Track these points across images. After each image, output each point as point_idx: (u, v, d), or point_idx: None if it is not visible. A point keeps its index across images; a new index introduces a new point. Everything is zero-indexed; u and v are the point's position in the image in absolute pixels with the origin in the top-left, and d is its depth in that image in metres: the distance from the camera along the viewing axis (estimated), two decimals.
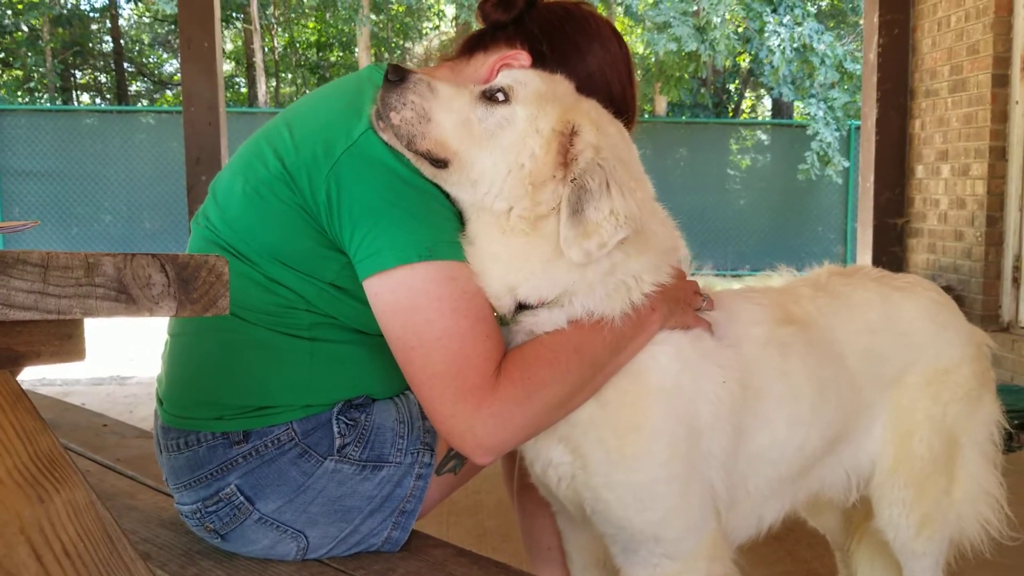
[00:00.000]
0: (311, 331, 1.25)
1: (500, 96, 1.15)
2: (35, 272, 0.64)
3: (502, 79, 1.19)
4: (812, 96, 12.17)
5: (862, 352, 1.41)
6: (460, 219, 1.20)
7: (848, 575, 1.82)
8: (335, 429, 1.27)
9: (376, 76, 1.25)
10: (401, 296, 1.12)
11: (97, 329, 6.03)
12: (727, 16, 12.38)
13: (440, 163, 1.15)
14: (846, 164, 11.55)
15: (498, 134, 1.13)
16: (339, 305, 1.23)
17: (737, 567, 1.30)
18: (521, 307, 1.16)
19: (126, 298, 0.67)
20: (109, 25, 19.20)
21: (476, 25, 1.39)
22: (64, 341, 0.77)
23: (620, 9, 14.20)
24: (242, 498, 1.27)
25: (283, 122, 1.27)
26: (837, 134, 11.72)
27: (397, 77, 1.14)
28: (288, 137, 1.22)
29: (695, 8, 12.07)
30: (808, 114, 12.08)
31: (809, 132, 11.79)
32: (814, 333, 1.37)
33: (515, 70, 1.23)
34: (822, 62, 11.92)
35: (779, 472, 1.35)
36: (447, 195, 1.18)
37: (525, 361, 1.12)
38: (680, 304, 1.22)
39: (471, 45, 1.36)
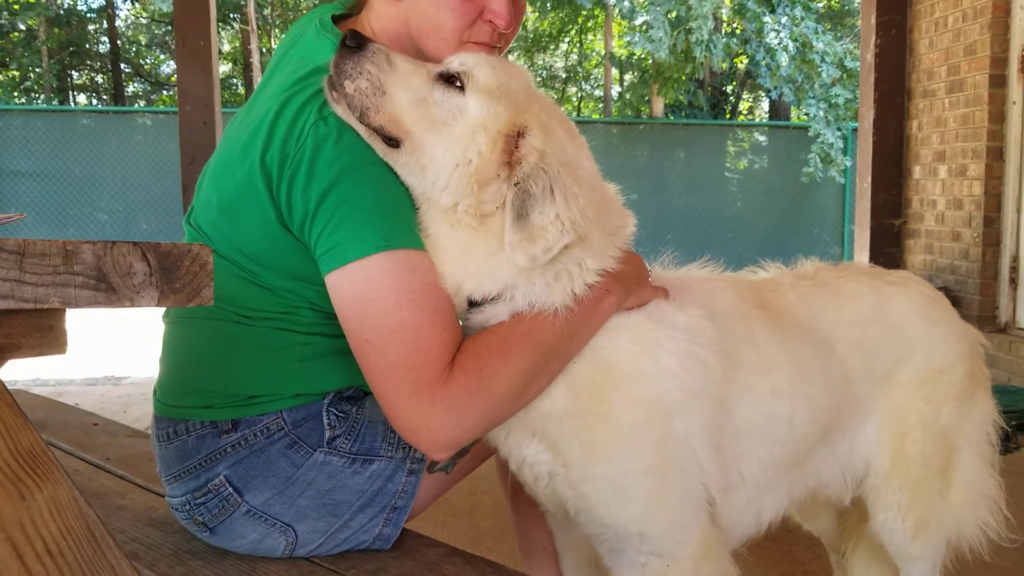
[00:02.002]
0: (310, 327, 1.25)
1: (456, 82, 1.13)
2: (11, 259, 0.62)
3: (458, 62, 1.15)
4: (812, 97, 12.16)
5: (853, 343, 1.39)
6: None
7: None
8: (325, 421, 1.26)
9: (323, 46, 1.21)
10: (358, 288, 1.09)
11: (91, 329, 6.01)
12: (723, 18, 12.39)
13: (392, 141, 1.12)
14: (849, 163, 11.53)
15: (450, 123, 1.11)
16: None
17: (735, 567, 1.27)
18: (471, 304, 1.15)
19: (106, 287, 0.65)
20: (106, 26, 19.18)
21: None
22: (45, 333, 0.75)
23: (617, 11, 14.20)
24: (231, 489, 1.25)
25: (243, 123, 1.24)
26: (838, 133, 11.72)
27: (355, 44, 1.11)
28: (248, 139, 1.19)
29: (684, 9, 12.06)
30: (807, 114, 12.07)
31: (811, 133, 11.78)
32: (787, 317, 1.34)
33: (472, 54, 1.19)
34: (822, 60, 11.92)
35: (772, 455, 1.31)
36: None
37: (477, 351, 1.10)
38: (634, 282, 1.19)
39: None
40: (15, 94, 17.26)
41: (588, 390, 1.15)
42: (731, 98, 18.28)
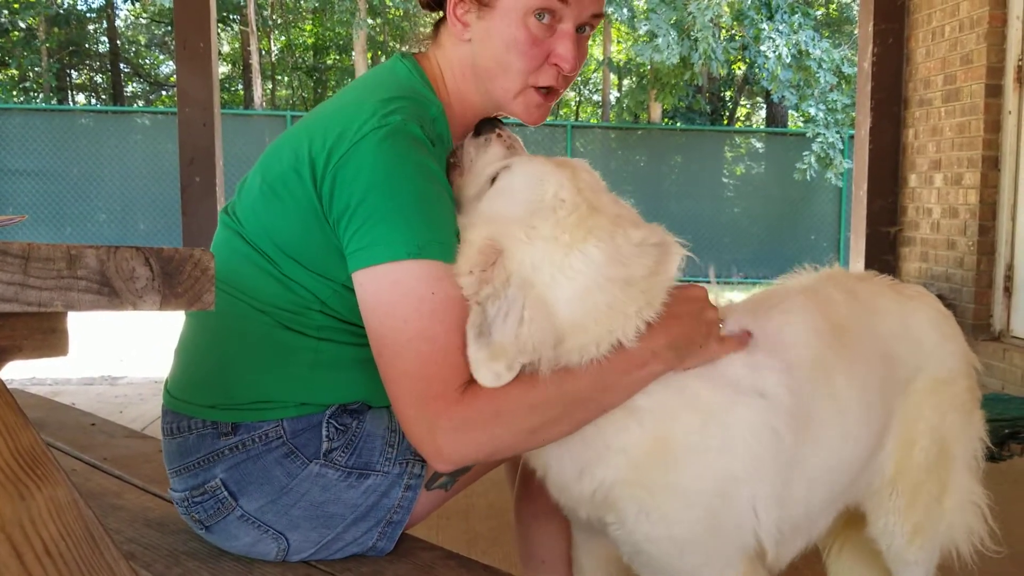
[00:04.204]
0: (320, 332, 1.25)
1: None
2: (15, 263, 0.63)
3: (506, 164, 1.23)
4: (811, 99, 12.21)
5: (884, 357, 1.41)
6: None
7: None
8: (324, 432, 1.26)
9: (398, 67, 1.31)
10: (383, 290, 1.11)
11: (88, 329, 6.01)
12: (721, 24, 12.44)
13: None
14: (848, 165, 11.56)
15: (470, 205, 1.21)
16: (353, 307, 1.21)
17: None
18: None
19: (109, 291, 0.66)
20: (105, 25, 19.19)
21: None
22: (47, 335, 0.76)
23: (616, 18, 14.25)
24: (226, 493, 1.26)
25: (305, 119, 1.29)
26: (837, 135, 11.76)
27: (479, 130, 1.29)
28: (304, 132, 1.23)
29: (686, 17, 12.09)
30: (810, 115, 12.09)
31: (809, 135, 11.81)
32: (852, 343, 1.35)
33: (524, 158, 1.23)
34: (819, 66, 11.98)
35: (833, 491, 1.34)
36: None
37: None
38: (696, 345, 1.14)
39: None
40: (14, 93, 17.25)
41: (649, 461, 1.13)
42: (729, 104, 18.33)
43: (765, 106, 17.80)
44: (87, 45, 19.21)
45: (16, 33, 16.88)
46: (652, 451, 1.13)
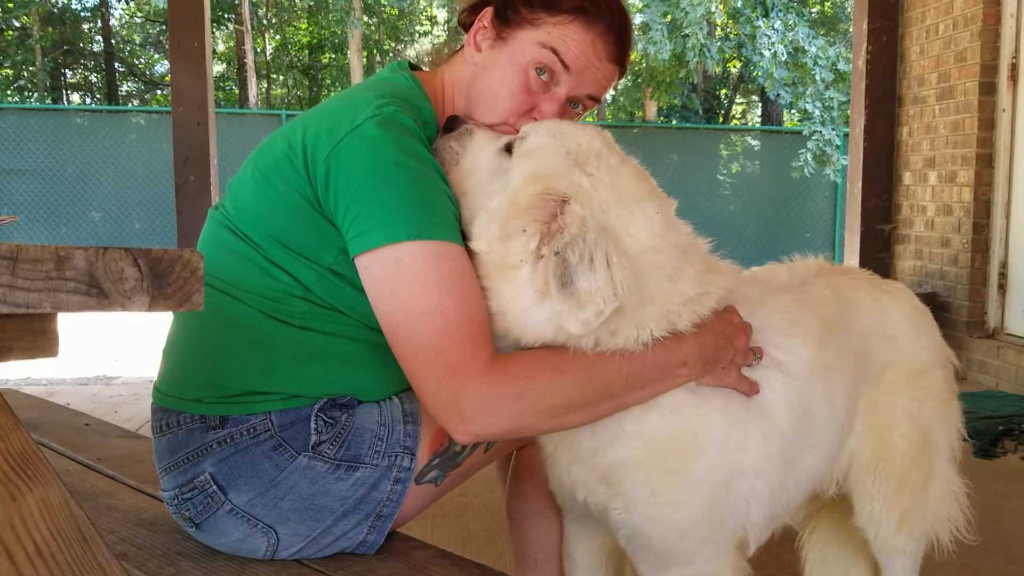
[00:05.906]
0: (303, 320, 1.26)
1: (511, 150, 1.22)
2: (4, 265, 0.63)
3: (524, 131, 1.24)
4: (807, 97, 12.24)
5: (859, 351, 1.44)
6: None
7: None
8: (312, 425, 1.27)
9: (396, 77, 1.36)
10: (388, 271, 1.13)
11: (83, 329, 6.00)
12: (716, 22, 12.46)
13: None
14: (845, 162, 11.60)
15: (490, 182, 1.20)
16: (337, 292, 1.24)
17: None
18: None
19: (97, 292, 0.66)
20: (100, 24, 19.13)
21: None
22: (37, 336, 0.75)
23: None
24: (215, 487, 1.26)
25: (300, 116, 1.32)
26: (834, 131, 11.78)
27: (450, 126, 1.30)
28: (299, 124, 1.26)
29: (679, 14, 12.10)
30: (805, 110, 12.11)
31: (805, 132, 11.83)
32: (839, 340, 1.38)
33: (543, 121, 1.26)
34: (815, 63, 12.00)
35: (813, 481, 1.39)
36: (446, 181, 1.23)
37: (528, 360, 1.12)
38: (718, 365, 1.18)
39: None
40: (9, 92, 17.20)
41: (666, 448, 1.17)
42: (724, 102, 18.35)
43: (761, 104, 17.83)
44: (81, 44, 19.16)
45: (10, 32, 16.83)
46: (671, 440, 1.17)
